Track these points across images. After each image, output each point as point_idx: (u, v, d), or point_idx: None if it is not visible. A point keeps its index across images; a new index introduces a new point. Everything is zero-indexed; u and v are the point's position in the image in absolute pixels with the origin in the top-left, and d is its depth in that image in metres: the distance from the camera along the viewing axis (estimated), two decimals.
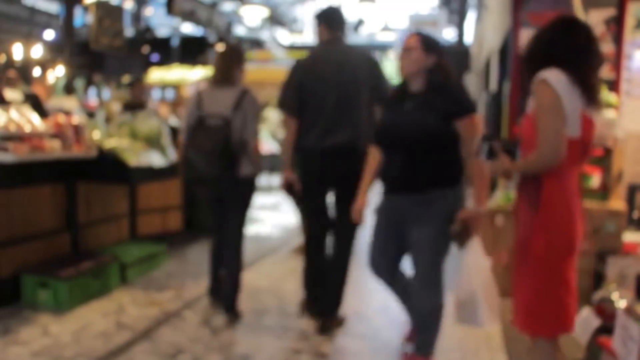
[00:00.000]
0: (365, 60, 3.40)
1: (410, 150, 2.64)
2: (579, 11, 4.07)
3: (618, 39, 4.29)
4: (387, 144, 2.77)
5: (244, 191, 3.57)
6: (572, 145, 2.10)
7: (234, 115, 3.41)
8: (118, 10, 5.72)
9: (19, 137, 3.75)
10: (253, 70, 15.51)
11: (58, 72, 12.26)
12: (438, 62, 2.70)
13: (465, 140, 2.61)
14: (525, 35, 4.31)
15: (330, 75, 3.30)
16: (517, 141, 2.29)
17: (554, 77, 2.08)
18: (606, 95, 4.20)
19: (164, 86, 16.84)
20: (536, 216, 2.14)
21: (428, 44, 2.70)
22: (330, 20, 3.45)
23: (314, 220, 3.50)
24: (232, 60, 3.58)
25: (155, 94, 16.49)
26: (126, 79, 12.74)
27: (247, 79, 3.69)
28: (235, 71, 3.57)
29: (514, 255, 2.28)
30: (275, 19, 17.52)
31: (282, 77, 3.47)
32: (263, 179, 8.78)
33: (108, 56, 11.64)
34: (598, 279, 3.72)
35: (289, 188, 3.47)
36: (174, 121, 6.52)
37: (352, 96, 3.29)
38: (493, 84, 6.97)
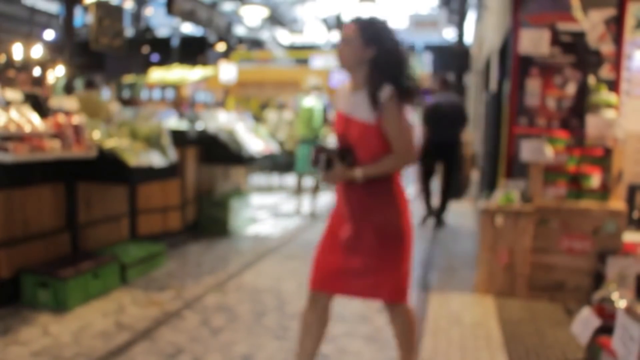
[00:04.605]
0: (459, 100, 7.45)
1: None
2: (577, 12, 4.07)
3: (618, 39, 4.28)
4: None
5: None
6: None
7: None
8: (118, 10, 5.70)
9: (19, 137, 3.74)
10: (253, 70, 15.58)
11: (58, 72, 12.26)
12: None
13: None
14: (526, 36, 4.31)
15: (443, 108, 6.86)
16: (350, 148, 2.40)
17: None
18: (606, 95, 4.21)
19: (164, 86, 16.80)
20: (393, 206, 2.41)
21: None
22: (446, 80, 7.25)
23: (427, 171, 6.98)
24: None
25: (155, 94, 16.49)
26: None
27: (247, 79, 3.70)
28: None
29: (356, 242, 2.44)
30: (275, 19, 17.52)
31: (281, 77, 3.54)
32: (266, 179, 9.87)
33: (108, 56, 11.63)
34: (598, 279, 3.73)
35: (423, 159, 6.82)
36: (173, 122, 6.50)
37: (452, 118, 6.87)
38: (493, 84, 6.97)
